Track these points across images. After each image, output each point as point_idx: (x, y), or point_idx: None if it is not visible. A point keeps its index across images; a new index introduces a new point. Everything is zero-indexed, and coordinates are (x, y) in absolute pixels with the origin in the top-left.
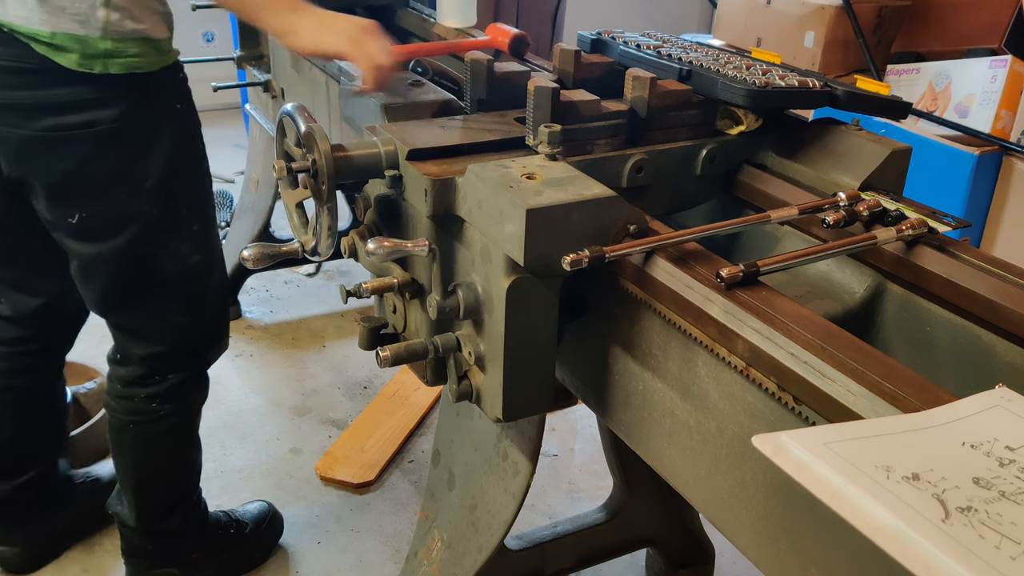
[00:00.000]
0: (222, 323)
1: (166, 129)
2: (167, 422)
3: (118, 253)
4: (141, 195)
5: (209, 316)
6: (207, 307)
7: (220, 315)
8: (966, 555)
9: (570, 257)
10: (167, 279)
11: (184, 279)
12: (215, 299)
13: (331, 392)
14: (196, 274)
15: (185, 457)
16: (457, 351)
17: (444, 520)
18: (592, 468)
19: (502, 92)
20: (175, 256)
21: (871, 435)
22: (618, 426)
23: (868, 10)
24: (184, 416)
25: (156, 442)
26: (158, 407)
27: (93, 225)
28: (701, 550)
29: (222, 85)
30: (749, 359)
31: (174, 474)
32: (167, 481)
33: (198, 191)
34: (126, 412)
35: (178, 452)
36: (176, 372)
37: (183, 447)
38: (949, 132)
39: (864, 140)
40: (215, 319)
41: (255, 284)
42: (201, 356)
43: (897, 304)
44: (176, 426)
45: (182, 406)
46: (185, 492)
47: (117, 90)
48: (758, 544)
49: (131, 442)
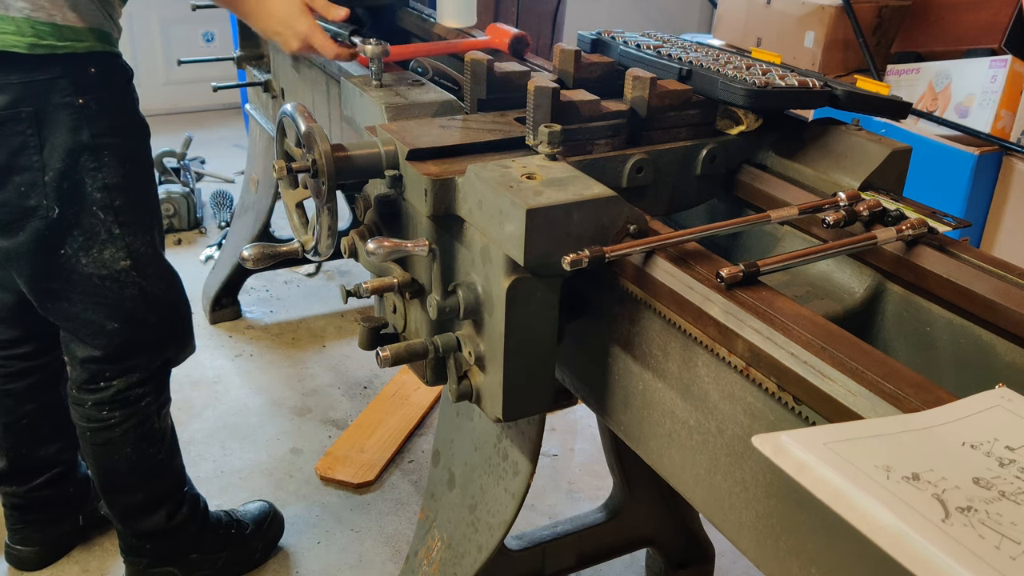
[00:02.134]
0: (175, 330)
1: (63, 121)
2: (120, 429)
3: (26, 249)
4: (40, 188)
5: (151, 323)
6: (147, 314)
7: (171, 321)
8: (966, 555)
9: (570, 257)
10: (87, 282)
11: (109, 283)
12: (159, 306)
13: (331, 392)
14: (125, 279)
15: (149, 461)
16: (457, 351)
17: (444, 520)
18: (592, 468)
19: (502, 92)
20: (94, 260)
21: (871, 435)
22: (618, 426)
23: (868, 10)
24: (140, 422)
25: (113, 448)
26: (108, 415)
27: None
28: (701, 550)
29: (222, 85)
30: (749, 359)
31: (140, 477)
32: (134, 484)
33: (125, 195)
34: (81, 418)
35: (139, 456)
36: (119, 378)
37: (143, 451)
38: (949, 132)
39: (864, 140)
40: (162, 326)
41: (255, 284)
42: (149, 361)
43: (897, 304)
44: (132, 432)
45: (134, 412)
46: (160, 492)
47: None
48: (758, 544)
49: (90, 448)
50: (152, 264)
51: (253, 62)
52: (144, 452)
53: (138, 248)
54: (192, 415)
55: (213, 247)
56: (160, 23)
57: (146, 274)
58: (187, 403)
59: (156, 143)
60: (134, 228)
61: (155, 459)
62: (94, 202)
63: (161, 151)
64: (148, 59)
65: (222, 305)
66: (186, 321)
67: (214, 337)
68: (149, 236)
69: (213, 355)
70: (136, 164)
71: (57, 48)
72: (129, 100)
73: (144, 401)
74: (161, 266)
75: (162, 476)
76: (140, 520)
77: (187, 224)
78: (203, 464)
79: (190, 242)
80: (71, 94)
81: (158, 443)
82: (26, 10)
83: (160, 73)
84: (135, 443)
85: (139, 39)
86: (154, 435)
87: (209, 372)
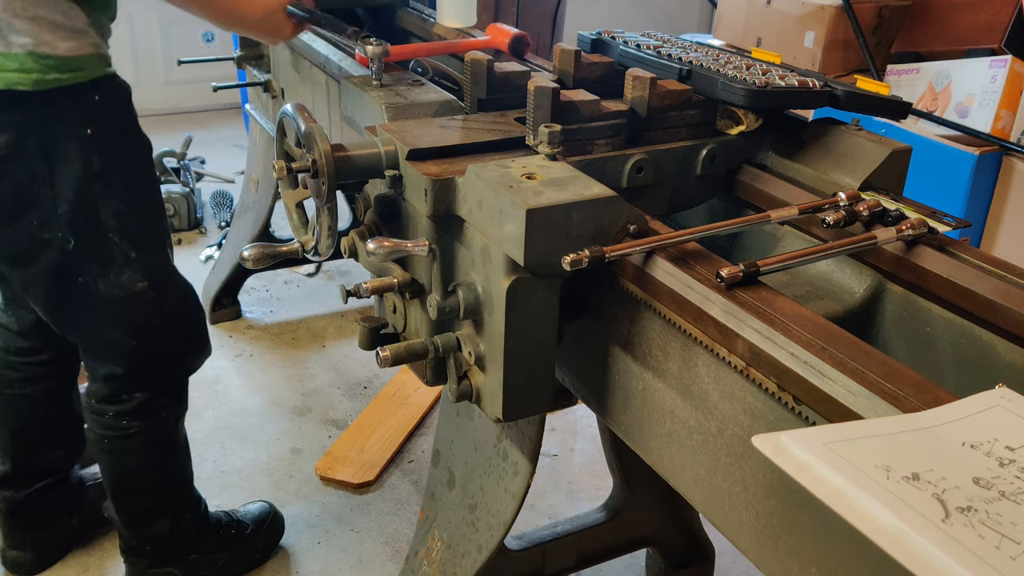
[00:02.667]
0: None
1: (73, 153)
2: (139, 438)
3: (43, 279)
4: (54, 221)
5: (170, 337)
6: (165, 329)
7: (188, 332)
8: (966, 555)
9: (570, 257)
10: (105, 306)
11: (128, 305)
12: (177, 320)
13: (331, 392)
14: (143, 299)
15: (164, 468)
16: (457, 351)
17: (444, 520)
18: (592, 468)
19: (502, 92)
20: (112, 284)
21: (871, 435)
22: (618, 426)
23: (868, 10)
24: (159, 430)
25: (130, 455)
26: (128, 424)
27: (10, 250)
28: (701, 550)
29: (222, 85)
30: (749, 359)
31: (152, 484)
32: (146, 490)
33: (136, 218)
34: (99, 427)
35: (155, 464)
36: (143, 391)
37: (159, 459)
38: (949, 132)
39: (864, 140)
40: (181, 338)
41: (255, 284)
42: (170, 374)
43: (897, 304)
44: (150, 441)
45: (154, 422)
46: (170, 498)
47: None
48: (758, 544)
49: (106, 455)
50: (168, 280)
51: (253, 62)
52: (160, 459)
53: (154, 268)
54: (192, 415)
55: (213, 247)
56: (160, 23)
57: (163, 291)
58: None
59: (156, 143)
60: (149, 249)
61: (169, 466)
62: (109, 229)
63: (161, 151)
64: (148, 59)
65: (222, 305)
66: (202, 328)
67: (214, 337)
68: (163, 254)
69: (213, 355)
70: (144, 184)
71: (62, 81)
72: (132, 120)
73: (164, 412)
74: (176, 280)
75: (174, 483)
76: (147, 525)
77: (187, 224)
78: (203, 464)
79: (190, 242)
80: (78, 125)
81: (175, 451)
82: (28, 45)
83: (160, 73)
84: (153, 451)
85: (139, 39)
86: (172, 443)
87: (209, 372)
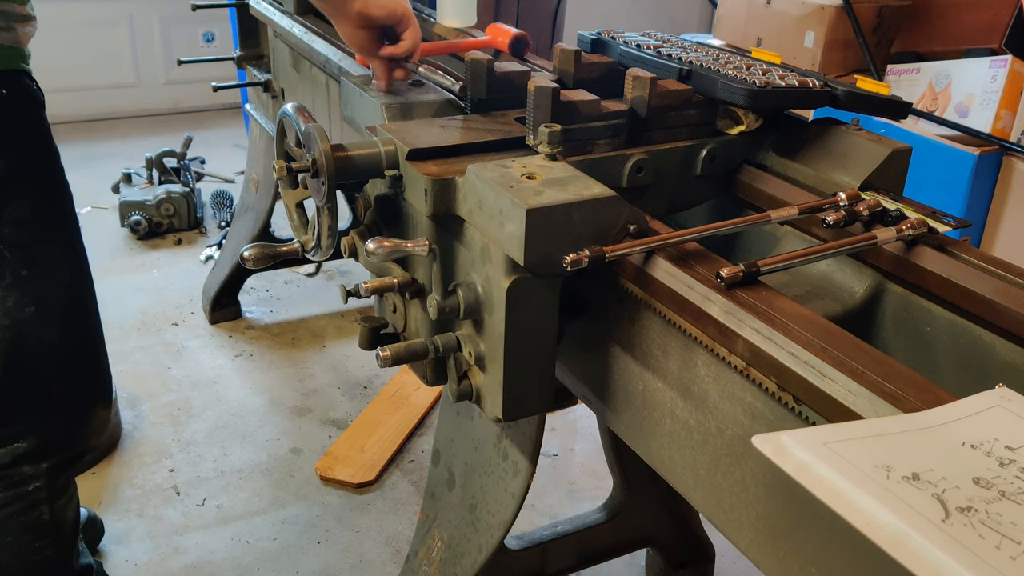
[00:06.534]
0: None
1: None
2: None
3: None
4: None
5: (47, 381)
6: (43, 369)
7: (76, 386)
8: (966, 555)
9: (570, 257)
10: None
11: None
12: (61, 365)
13: (331, 392)
14: (22, 331)
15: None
16: (457, 351)
17: (444, 520)
18: (592, 468)
19: (502, 92)
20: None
21: (871, 435)
22: (618, 426)
23: (868, 10)
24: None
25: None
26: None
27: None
28: (701, 550)
29: (222, 85)
30: (749, 359)
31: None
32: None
33: (36, 230)
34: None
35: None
36: (2, 446)
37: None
38: (949, 132)
39: (864, 140)
40: (63, 389)
41: (255, 284)
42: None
43: (897, 304)
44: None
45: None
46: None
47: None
48: (758, 544)
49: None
50: (64, 312)
51: (253, 62)
52: (28, 545)
53: (47, 294)
54: (192, 415)
55: (213, 247)
56: (160, 23)
57: (52, 321)
58: (187, 403)
59: (156, 143)
60: (45, 270)
61: (40, 555)
62: (1, 239)
63: (161, 151)
64: (148, 59)
65: (222, 305)
66: (99, 390)
67: (214, 337)
68: (65, 279)
69: (213, 355)
70: (52, 197)
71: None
72: (41, 127)
73: (32, 485)
74: (76, 315)
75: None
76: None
77: (187, 224)
78: (203, 464)
79: (190, 242)
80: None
81: (46, 537)
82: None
83: (160, 73)
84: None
85: (139, 39)
86: (42, 527)
87: (209, 372)
